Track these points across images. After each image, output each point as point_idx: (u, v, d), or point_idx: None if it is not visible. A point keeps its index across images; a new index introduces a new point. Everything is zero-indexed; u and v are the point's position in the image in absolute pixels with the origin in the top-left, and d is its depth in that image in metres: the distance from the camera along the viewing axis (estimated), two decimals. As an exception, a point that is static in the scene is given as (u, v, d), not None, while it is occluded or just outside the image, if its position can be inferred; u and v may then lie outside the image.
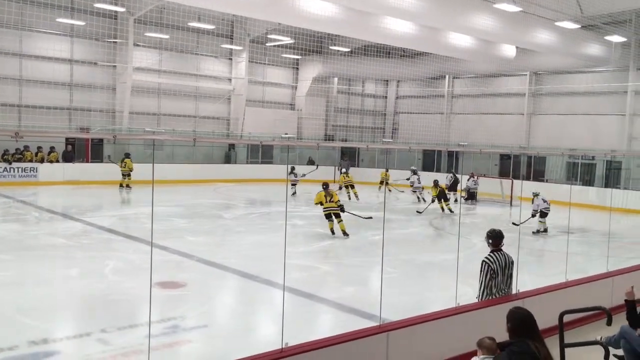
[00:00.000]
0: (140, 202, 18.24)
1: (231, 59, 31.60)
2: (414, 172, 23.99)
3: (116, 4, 25.48)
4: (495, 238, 6.09)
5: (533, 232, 14.90)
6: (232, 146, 30.48)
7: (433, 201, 18.89)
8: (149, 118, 28.69)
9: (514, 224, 13.09)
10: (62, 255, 10.97)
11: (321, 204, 13.58)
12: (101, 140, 26.16)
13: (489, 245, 6.17)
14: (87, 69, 26.76)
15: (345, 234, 13.30)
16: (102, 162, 25.15)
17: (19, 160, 22.17)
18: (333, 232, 13.43)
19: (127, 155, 22.01)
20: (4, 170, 21.41)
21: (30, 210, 16.22)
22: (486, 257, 6.03)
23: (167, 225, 13.84)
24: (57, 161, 23.42)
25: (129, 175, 21.59)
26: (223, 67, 31.44)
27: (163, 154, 27.19)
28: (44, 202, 18.49)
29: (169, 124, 28.93)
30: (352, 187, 22.24)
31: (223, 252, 11.60)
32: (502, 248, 6.10)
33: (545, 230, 15.04)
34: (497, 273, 5.97)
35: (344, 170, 26.12)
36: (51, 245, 11.73)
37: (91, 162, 24.78)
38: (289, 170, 21.92)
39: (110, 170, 22.15)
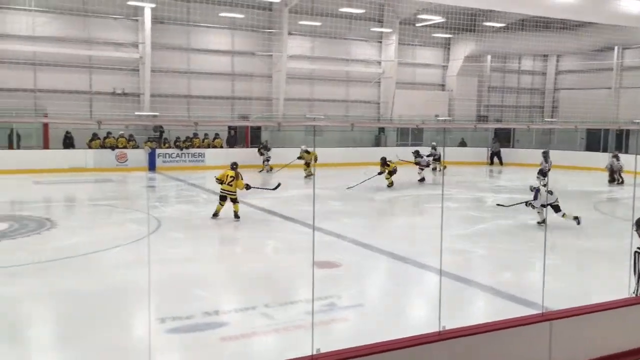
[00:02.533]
0: (296, 186, 19.04)
1: (381, 42, 31.60)
2: (434, 148, 23.51)
3: (273, -5, 26.62)
4: None
5: None
6: (381, 129, 30.57)
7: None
8: (303, 104, 29.75)
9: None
10: (226, 234, 11.86)
11: (221, 182, 12.78)
12: (259, 126, 27.67)
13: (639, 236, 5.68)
14: (246, 60, 28.39)
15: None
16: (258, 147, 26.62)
17: (188, 146, 24.21)
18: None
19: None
20: (176, 156, 23.56)
21: (199, 192, 17.67)
22: (638, 247, 5.56)
23: (322, 206, 14.32)
24: (222, 147, 25.22)
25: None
26: (373, 51, 31.57)
27: (321, 139, 28.00)
28: (211, 185, 20.03)
29: (321, 109, 29.77)
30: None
31: (375, 234, 11.76)
32: None
33: None
34: None
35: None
36: (217, 225, 12.71)
37: (251, 147, 26.31)
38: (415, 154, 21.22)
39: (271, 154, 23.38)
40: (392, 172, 18.60)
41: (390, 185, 18.52)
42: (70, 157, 21.97)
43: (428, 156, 22.67)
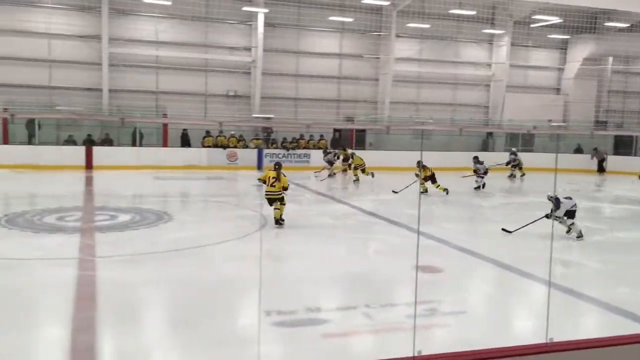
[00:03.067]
0: (400, 188, 18.98)
1: (491, 43, 30.74)
2: (513, 154, 22.61)
3: (381, -1, 26.73)
4: None
5: None
6: (489, 134, 29.70)
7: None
8: (409, 107, 29.57)
9: None
10: (329, 234, 12.08)
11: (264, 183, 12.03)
12: (364, 129, 27.86)
13: None
14: (353, 62, 28.68)
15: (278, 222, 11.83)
16: (364, 149, 26.78)
17: (294, 147, 24.86)
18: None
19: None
20: (283, 156, 24.27)
21: (304, 192, 18.11)
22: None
23: (423, 211, 14.20)
24: (326, 148, 25.66)
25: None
26: (483, 53, 30.76)
27: (428, 143, 27.72)
28: (314, 185, 20.46)
29: (427, 112, 29.44)
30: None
31: (478, 240, 11.50)
32: None
33: None
34: None
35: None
36: (320, 225, 12.99)
37: (355, 149, 26.52)
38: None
39: (371, 157, 23.44)
40: (428, 178, 16.96)
41: (424, 191, 16.88)
42: (186, 155, 23.32)
43: (507, 163, 22.12)
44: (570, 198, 11.39)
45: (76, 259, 8.87)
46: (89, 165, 21.60)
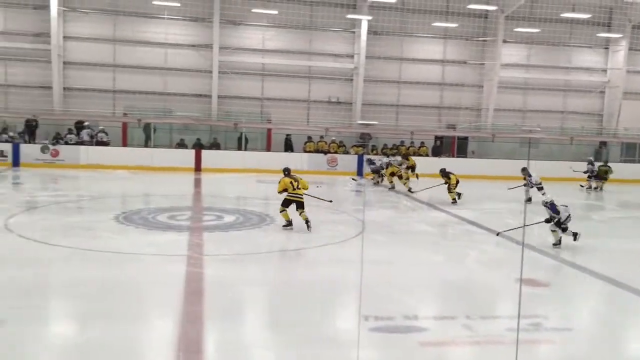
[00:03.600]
0: (502, 197, 18.37)
1: (607, 48, 29.02)
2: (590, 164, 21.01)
3: (488, 3, 26.06)
4: None
5: None
6: (603, 143, 28.01)
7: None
8: (514, 114, 28.57)
9: None
10: (427, 241, 11.94)
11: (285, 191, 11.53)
12: (466, 137, 27.23)
13: None
14: (456, 69, 28.16)
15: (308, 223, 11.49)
16: (466, 157, 26.18)
17: (395, 154, 24.75)
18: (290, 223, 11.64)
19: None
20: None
21: (402, 198, 18.00)
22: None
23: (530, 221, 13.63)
24: (427, 155, 25.35)
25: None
26: (597, 58, 29.12)
27: (535, 152, 26.68)
28: (413, 192, 20.28)
29: (534, 119, 28.30)
30: None
31: (587, 255, 10.89)
32: None
33: None
34: None
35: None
36: (418, 232, 12.87)
37: (457, 157, 25.99)
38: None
39: (473, 165, 22.90)
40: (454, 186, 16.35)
41: (454, 201, 16.30)
42: (288, 159, 23.92)
43: (585, 172, 20.90)
44: (566, 206, 10.97)
45: (185, 256, 9.40)
46: (197, 167, 22.75)
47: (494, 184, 20.81)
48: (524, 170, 17.37)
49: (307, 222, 11.57)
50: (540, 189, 16.54)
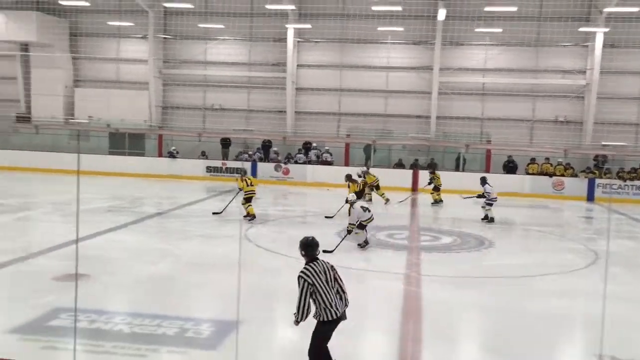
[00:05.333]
0: None
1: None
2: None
3: None
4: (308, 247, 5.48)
5: None
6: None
7: None
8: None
9: None
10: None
11: None
12: None
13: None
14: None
15: None
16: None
17: (633, 178, 22.19)
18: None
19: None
20: (618, 187, 21.92)
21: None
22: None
23: None
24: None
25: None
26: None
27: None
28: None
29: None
30: None
31: None
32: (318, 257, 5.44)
33: None
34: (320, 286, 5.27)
35: None
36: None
37: None
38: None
39: None
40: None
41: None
42: (508, 181, 22.93)
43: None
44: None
45: (403, 274, 9.57)
46: (414, 187, 22.97)
47: None
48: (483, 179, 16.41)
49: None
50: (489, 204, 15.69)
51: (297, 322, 5.32)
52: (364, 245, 11.45)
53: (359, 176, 18.52)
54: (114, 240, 11.51)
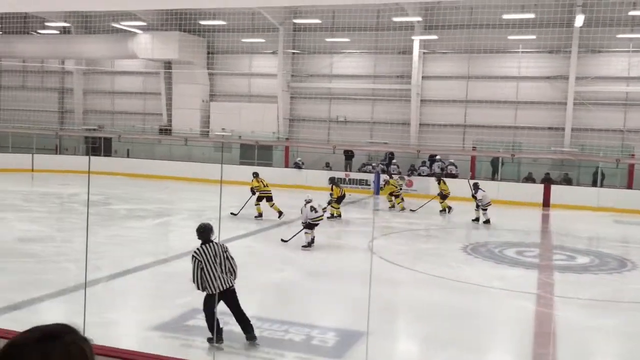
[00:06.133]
0: None
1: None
2: None
3: None
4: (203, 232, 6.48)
5: None
6: None
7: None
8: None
9: None
10: None
11: None
12: None
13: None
14: None
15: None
16: None
17: None
18: None
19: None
20: None
21: None
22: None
23: None
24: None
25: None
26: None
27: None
28: None
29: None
30: None
31: None
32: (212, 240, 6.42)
33: None
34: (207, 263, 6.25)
35: None
36: None
37: None
38: None
39: None
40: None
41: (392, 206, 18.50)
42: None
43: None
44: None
45: (535, 295, 9.09)
46: (546, 203, 21.77)
47: None
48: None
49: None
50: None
51: (198, 288, 6.34)
52: (307, 245, 11.87)
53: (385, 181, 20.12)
54: (243, 246, 12.05)
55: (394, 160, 25.03)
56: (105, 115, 31.50)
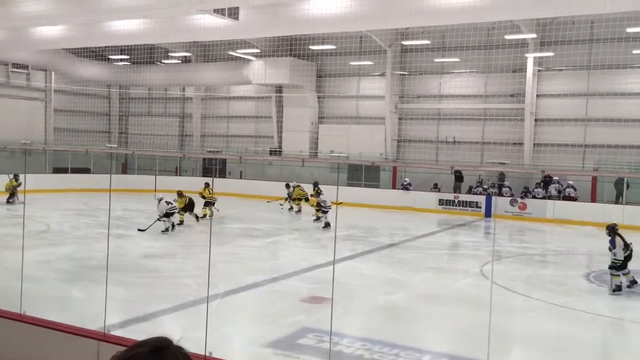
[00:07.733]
0: None
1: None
2: None
3: None
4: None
5: None
6: None
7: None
8: None
9: None
10: None
11: None
12: None
13: None
14: None
15: None
16: None
17: None
18: None
19: None
20: None
21: None
22: None
23: None
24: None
25: None
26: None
27: None
28: None
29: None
30: None
31: None
32: None
33: None
34: None
35: None
36: None
37: None
38: None
39: None
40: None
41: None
42: None
43: None
44: None
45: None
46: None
47: None
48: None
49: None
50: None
51: None
52: (165, 231, 15.24)
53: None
54: (352, 267, 12.07)
55: (506, 183, 24.09)
56: (219, 138, 33.09)
